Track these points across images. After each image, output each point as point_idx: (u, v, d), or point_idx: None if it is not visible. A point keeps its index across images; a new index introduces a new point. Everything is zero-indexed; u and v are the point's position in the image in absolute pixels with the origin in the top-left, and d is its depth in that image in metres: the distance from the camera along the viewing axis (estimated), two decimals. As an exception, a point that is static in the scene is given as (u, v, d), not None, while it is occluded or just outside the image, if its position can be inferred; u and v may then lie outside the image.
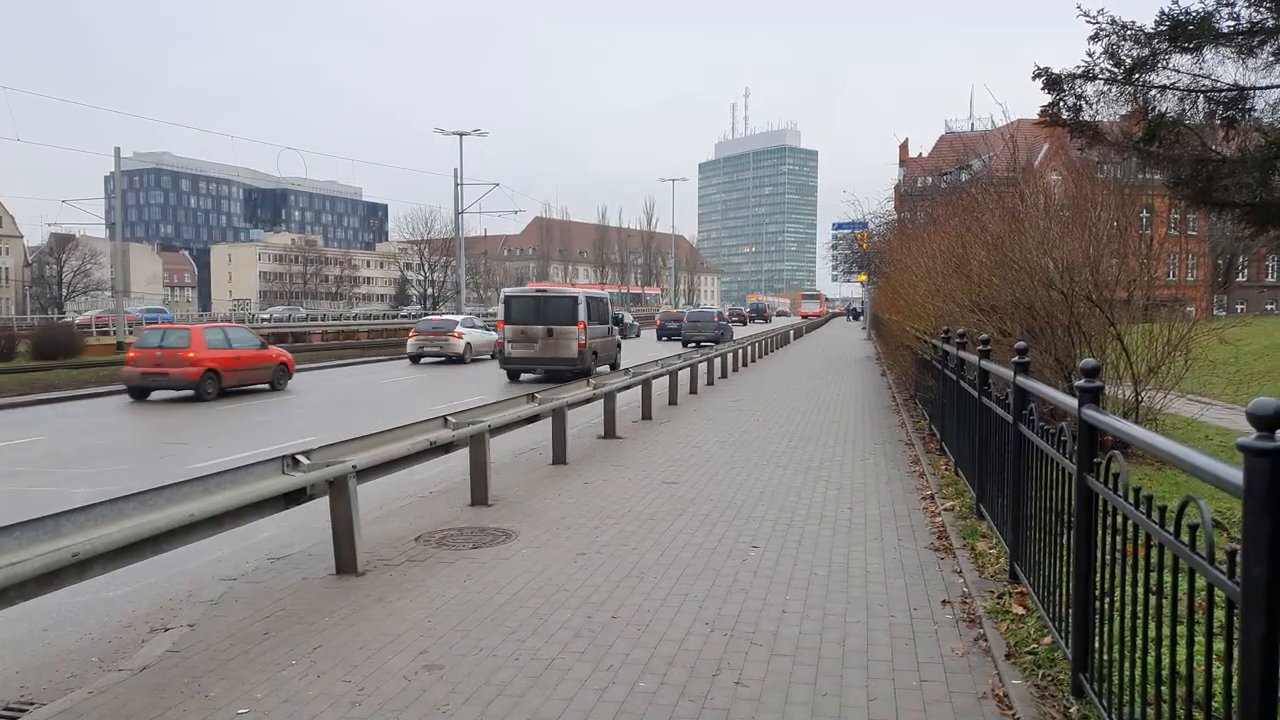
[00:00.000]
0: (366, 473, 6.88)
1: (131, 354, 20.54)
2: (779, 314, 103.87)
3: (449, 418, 8.39)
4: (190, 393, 19.85)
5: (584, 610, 5.52)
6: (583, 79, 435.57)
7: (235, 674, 4.61)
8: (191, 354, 19.79)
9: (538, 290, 27.87)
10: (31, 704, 4.46)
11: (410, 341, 32.38)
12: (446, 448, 8.19)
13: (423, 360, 31.74)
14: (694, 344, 36.49)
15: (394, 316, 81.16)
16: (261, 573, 6.52)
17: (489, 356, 31.32)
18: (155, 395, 20.22)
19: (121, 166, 40.17)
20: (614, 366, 24.25)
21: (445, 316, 36.65)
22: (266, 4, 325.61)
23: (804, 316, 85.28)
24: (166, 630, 5.43)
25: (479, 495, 8.59)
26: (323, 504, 6.46)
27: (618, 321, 29.56)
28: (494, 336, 29.65)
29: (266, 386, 21.99)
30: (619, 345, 27.45)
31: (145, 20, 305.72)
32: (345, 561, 6.43)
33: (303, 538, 7.37)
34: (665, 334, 48.80)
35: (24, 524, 4.17)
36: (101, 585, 5.90)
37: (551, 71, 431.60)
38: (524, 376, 24.17)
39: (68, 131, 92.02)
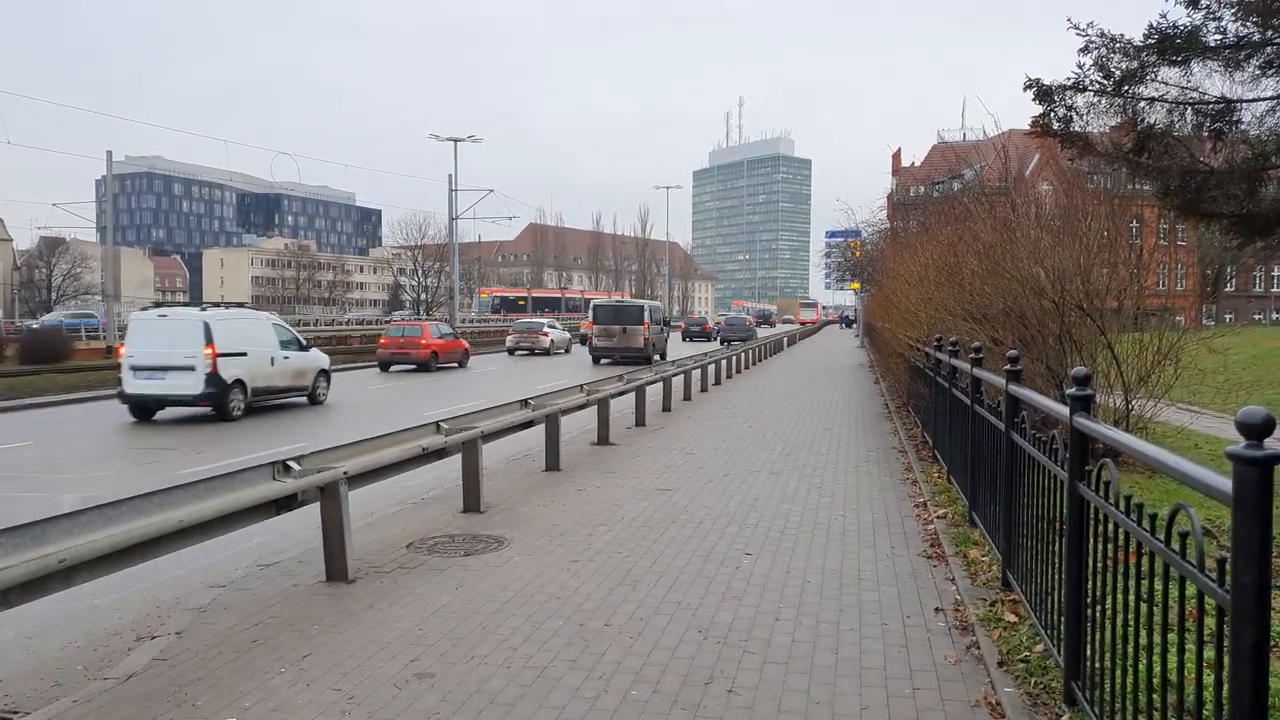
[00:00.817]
0: (358, 479, 6.86)
1: (383, 340, 32.01)
2: (783, 320, 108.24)
3: (441, 424, 8.37)
4: (414, 367, 30.35)
5: (576, 618, 5.50)
6: (578, 87, 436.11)
7: (223, 682, 4.58)
8: (424, 341, 30.67)
9: (617, 300, 40.29)
10: (15, 712, 4.43)
11: (509, 338, 43.10)
12: (439, 454, 8.18)
13: (516, 353, 41.25)
14: (727, 341, 46.46)
15: (386, 322, 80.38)
16: (251, 579, 6.49)
17: (563, 350, 42.96)
18: (394, 369, 30.57)
19: (114, 170, 40.08)
20: (663, 355, 33.45)
21: (535, 320, 48.39)
22: (263, 8, 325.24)
23: (802, 323, 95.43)
24: (153, 638, 5.40)
25: (471, 502, 8.56)
26: (314, 509, 6.44)
27: (666, 323, 40.83)
28: (567, 335, 45.02)
29: (456, 365, 32.26)
30: (667, 339, 38.59)
31: (139, 22, 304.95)
32: (336, 568, 6.40)
33: (293, 544, 7.34)
34: (689, 336, 61.05)
35: (9, 530, 4.14)
36: (87, 592, 5.86)
37: (547, 79, 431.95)
38: (603, 361, 33.17)
39: (59, 135, 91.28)
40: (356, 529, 7.01)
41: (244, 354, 17.27)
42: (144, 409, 17.03)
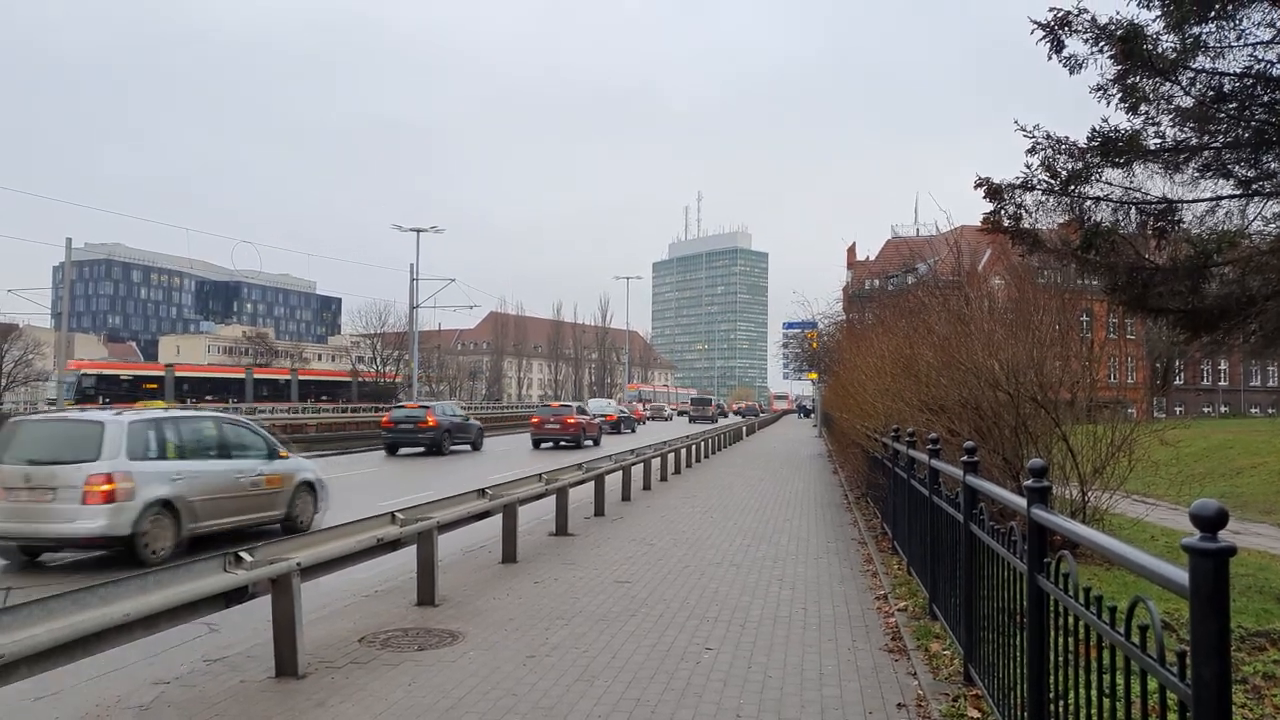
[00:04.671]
0: (311, 570, 6.69)
1: (535, 419, 38.86)
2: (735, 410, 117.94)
3: (397, 514, 8.23)
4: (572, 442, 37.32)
5: (532, 716, 5.35)
6: (538, 183, 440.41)
7: (163, 786, 4.38)
8: (572, 420, 37.87)
9: (700, 394, 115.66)
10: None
11: (646, 411, 73.36)
12: (394, 545, 8.02)
13: (648, 421, 71.13)
14: (743, 415, 79.21)
15: (344, 410, 77.99)
16: (197, 675, 6.25)
17: (668, 419, 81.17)
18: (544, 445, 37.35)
19: (72, 257, 39.76)
20: (715, 420, 68.85)
21: (659, 402, 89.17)
22: (219, 107, 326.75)
23: (775, 411, 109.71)
24: (91, 739, 5.16)
25: (426, 594, 8.37)
26: (263, 600, 6.26)
27: (720, 406, 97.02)
28: (670, 410, 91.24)
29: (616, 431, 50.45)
30: (721, 413, 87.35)
31: (98, 117, 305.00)
32: (286, 663, 6.20)
33: (242, 637, 7.10)
34: (692, 418, 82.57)
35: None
36: (23, 691, 5.59)
37: (510, 175, 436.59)
38: (694, 422, 67.67)
39: (16, 221, 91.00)
40: (308, 622, 6.80)
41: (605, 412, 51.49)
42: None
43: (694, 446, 26.92)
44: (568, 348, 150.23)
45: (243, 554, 6.07)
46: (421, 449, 31.39)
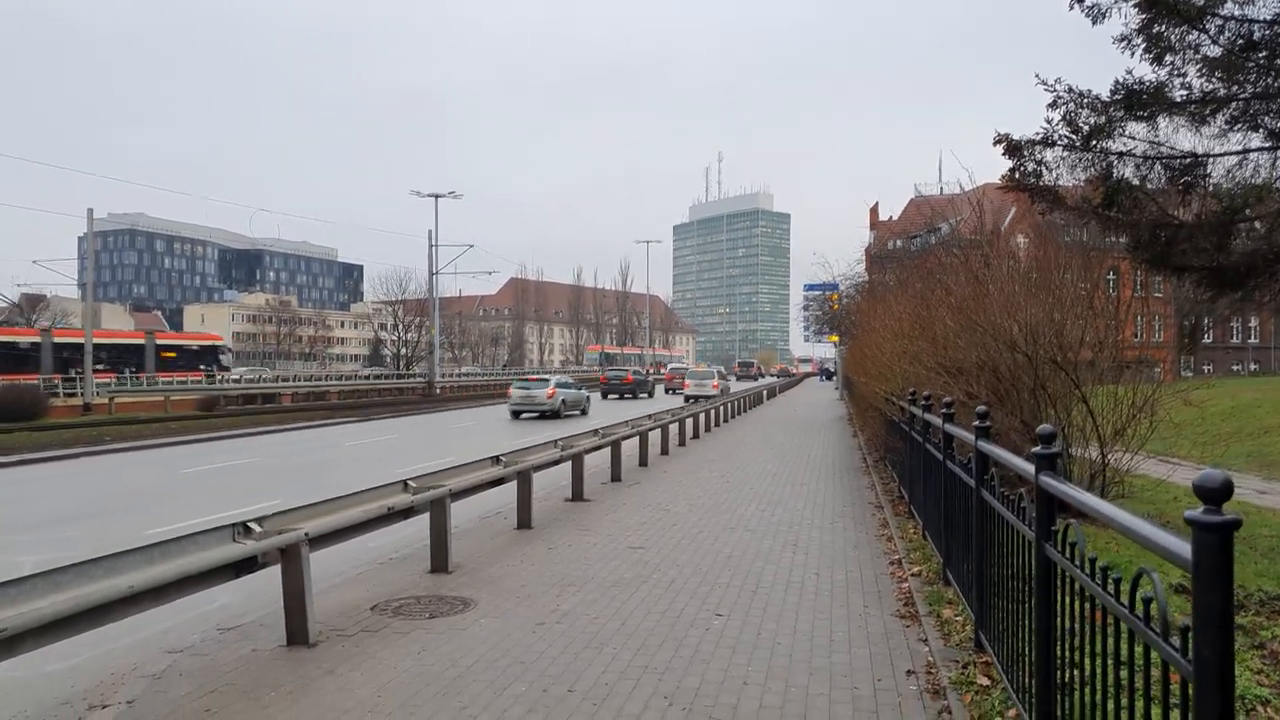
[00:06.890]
0: (321, 540, 6.70)
1: (668, 375, 61.96)
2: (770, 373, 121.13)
3: (409, 482, 8.23)
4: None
5: (540, 683, 5.34)
6: (558, 150, 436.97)
7: (170, 755, 4.41)
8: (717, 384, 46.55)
9: (744, 360, 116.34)
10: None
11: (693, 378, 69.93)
12: (406, 513, 8.02)
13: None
14: (777, 377, 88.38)
15: (365, 377, 76.91)
16: (209, 644, 6.30)
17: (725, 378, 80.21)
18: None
19: (95, 227, 40.01)
20: (756, 379, 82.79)
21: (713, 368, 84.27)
22: (232, 79, 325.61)
23: (800, 375, 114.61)
24: (105, 707, 5.22)
25: (439, 562, 8.40)
26: (278, 570, 6.28)
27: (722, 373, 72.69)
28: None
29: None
30: (761, 374, 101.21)
31: (113, 98, 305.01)
32: (297, 632, 6.23)
33: (255, 606, 7.15)
34: (738, 378, 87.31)
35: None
36: (40, 659, 5.64)
37: (528, 143, 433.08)
38: (739, 381, 74.53)
39: (41, 193, 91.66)
40: (322, 590, 6.84)
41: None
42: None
43: (713, 411, 26.91)
44: (588, 313, 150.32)
45: (251, 524, 6.09)
46: None
